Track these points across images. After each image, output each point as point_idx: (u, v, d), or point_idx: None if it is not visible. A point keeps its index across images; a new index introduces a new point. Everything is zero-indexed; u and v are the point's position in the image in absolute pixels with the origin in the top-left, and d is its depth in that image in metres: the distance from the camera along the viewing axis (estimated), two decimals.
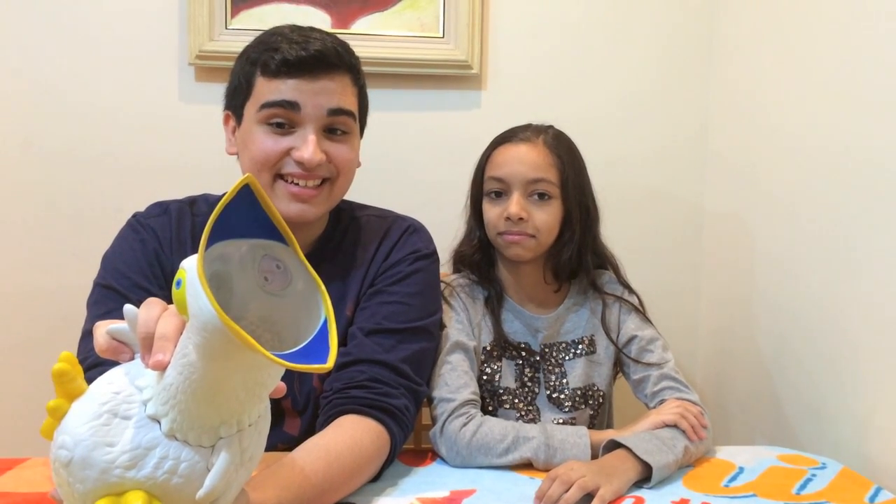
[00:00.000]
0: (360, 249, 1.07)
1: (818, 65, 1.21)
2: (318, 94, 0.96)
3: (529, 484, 0.95)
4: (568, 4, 1.55)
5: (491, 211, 1.14)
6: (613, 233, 1.24)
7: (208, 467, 0.58)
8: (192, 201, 1.08)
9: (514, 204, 1.10)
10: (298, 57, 0.94)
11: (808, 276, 1.22)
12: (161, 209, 1.06)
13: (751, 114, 1.43)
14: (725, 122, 1.54)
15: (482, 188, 1.16)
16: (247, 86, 0.98)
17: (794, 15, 1.29)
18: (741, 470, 1.01)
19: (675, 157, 1.59)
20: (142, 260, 0.99)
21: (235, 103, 1.01)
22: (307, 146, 0.95)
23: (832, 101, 1.16)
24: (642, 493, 0.93)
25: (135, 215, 1.06)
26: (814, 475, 1.00)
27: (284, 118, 0.96)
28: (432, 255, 1.10)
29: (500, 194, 1.13)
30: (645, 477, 0.96)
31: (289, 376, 1.03)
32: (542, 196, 1.11)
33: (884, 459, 1.03)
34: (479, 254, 1.18)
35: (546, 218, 1.12)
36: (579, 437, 1.00)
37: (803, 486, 0.96)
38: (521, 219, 1.10)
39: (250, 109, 0.98)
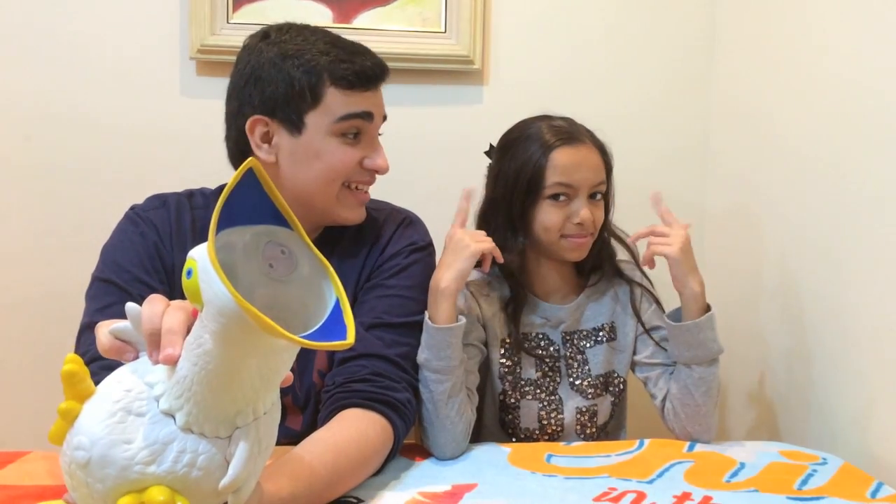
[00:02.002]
0: (356, 243, 1.07)
1: (818, 68, 1.21)
2: (379, 104, 1.03)
3: (531, 478, 0.95)
4: (571, 1, 1.54)
5: (554, 214, 1.10)
6: None
7: (226, 459, 0.58)
8: (189, 194, 1.08)
9: (586, 209, 1.10)
10: (372, 69, 0.99)
11: (809, 275, 1.23)
12: (160, 202, 1.05)
13: (751, 116, 1.43)
14: (726, 123, 1.54)
15: (536, 192, 1.10)
16: (313, 95, 0.96)
17: (794, 20, 1.29)
18: (742, 465, 1.01)
19: (677, 157, 1.59)
20: (142, 253, 0.99)
21: (289, 111, 0.97)
22: (380, 155, 1.02)
23: (832, 104, 1.17)
24: (643, 487, 0.93)
25: (133, 208, 1.06)
26: (815, 471, 1.00)
27: (360, 129, 1.00)
28: (428, 247, 1.11)
29: (560, 197, 1.11)
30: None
31: (293, 373, 1.03)
32: (596, 195, 1.13)
33: (885, 455, 1.03)
34: (521, 258, 1.14)
35: (602, 216, 1.14)
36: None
37: (804, 482, 0.96)
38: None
39: (319, 120, 0.97)
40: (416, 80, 1.51)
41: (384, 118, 1.05)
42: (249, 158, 0.56)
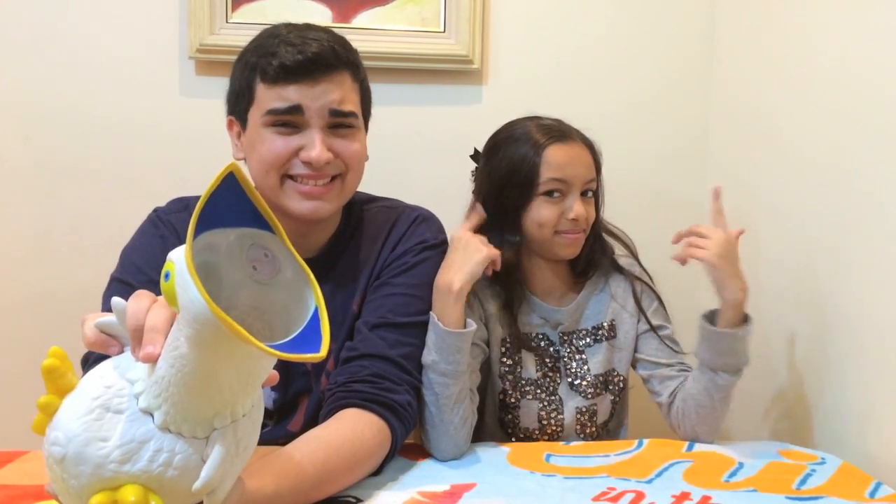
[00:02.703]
0: (369, 242, 1.07)
1: (817, 69, 1.21)
2: (319, 97, 0.96)
3: (530, 478, 0.95)
4: (570, 1, 1.54)
5: (549, 210, 1.10)
6: None
7: (203, 459, 0.58)
8: None
9: (579, 205, 1.10)
10: (297, 62, 0.94)
11: (810, 274, 1.23)
12: (181, 205, 1.06)
13: (751, 116, 1.43)
14: (726, 124, 1.54)
15: (530, 190, 1.10)
16: (248, 92, 0.98)
17: (794, 20, 1.29)
18: (741, 465, 1.01)
19: (677, 157, 1.59)
20: (159, 256, 0.97)
21: (238, 109, 1.00)
22: (314, 146, 0.95)
23: (832, 103, 1.17)
24: (642, 487, 0.93)
25: (155, 210, 1.06)
26: (813, 470, 1.00)
27: (289, 121, 0.96)
28: (440, 245, 1.09)
29: (556, 193, 1.11)
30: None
31: (308, 375, 1.02)
32: (588, 193, 1.13)
33: (884, 455, 1.03)
34: (517, 256, 1.15)
35: (593, 213, 1.15)
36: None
37: (803, 482, 0.96)
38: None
39: (254, 115, 0.98)
40: (415, 79, 1.51)
41: (336, 111, 0.97)
42: (230, 162, 0.55)
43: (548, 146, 1.11)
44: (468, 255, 1.03)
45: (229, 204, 0.55)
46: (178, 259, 0.54)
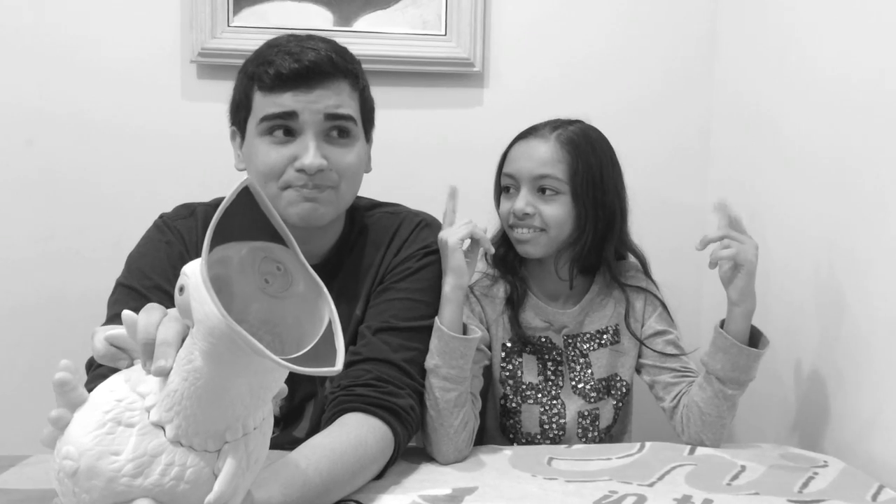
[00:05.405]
0: (373, 248, 1.07)
1: (819, 68, 1.21)
2: (314, 103, 0.95)
3: (532, 482, 0.95)
4: (571, 4, 1.54)
5: (502, 206, 1.15)
6: None
7: (214, 472, 0.58)
8: (217, 204, 1.08)
9: (520, 199, 1.10)
10: (292, 69, 0.93)
11: (812, 277, 1.22)
12: (188, 211, 1.06)
13: (752, 115, 1.43)
14: (728, 124, 1.54)
15: (498, 185, 1.17)
16: (246, 101, 0.98)
17: (796, 19, 1.29)
18: (743, 468, 1.01)
19: (677, 158, 1.59)
20: (165, 262, 0.99)
21: (239, 119, 1.01)
22: (307, 153, 0.94)
23: (833, 102, 1.16)
24: (644, 490, 0.93)
25: (161, 216, 1.06)
26: (816, 473, 1.00)
27: (284, 126, 0.95)
28: None
29: (510, 189, 1.14)
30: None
31: (314, 381, 1.02)
32: (547, 191, 1.11)
33: (887, 458, 1.03)
34: (503, 248, 1.18)
35: (554, 213, 1.11)
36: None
37: (806, 485, 0.96)
38: (526, 214, 1.10)
39: (251, 124, 0.98)
40: (416, 82, 1.52)
41: (332, 114, 0.96)
42: (246, 178, 0.56)
43: (513, 143, 1.15)
44: (444, 254, 1.04)
45: (243, 218, 0.56)
46: (193, 273, 0.54)
